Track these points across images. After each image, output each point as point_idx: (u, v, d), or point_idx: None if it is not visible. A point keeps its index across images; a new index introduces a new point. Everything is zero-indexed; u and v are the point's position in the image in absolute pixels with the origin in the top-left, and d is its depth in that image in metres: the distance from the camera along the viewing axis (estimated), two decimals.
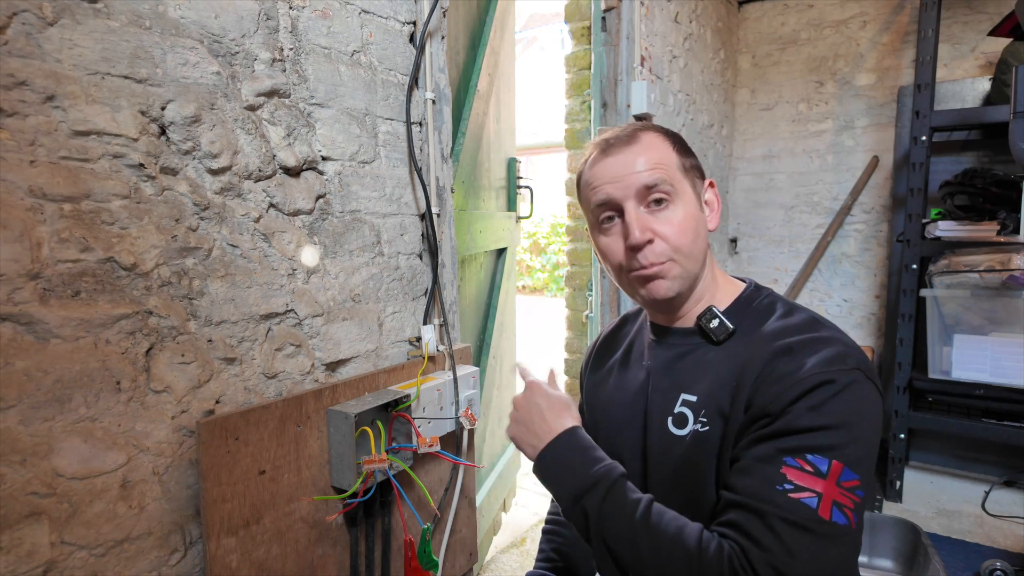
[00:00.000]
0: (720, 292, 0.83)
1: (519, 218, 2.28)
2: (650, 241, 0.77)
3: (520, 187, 2.24)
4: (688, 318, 0.83)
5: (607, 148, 0.79)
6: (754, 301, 0.81)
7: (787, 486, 0.63)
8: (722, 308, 0.81)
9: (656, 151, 0.78)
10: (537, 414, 0.80)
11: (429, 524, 1.11)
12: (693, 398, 0.78)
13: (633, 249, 0.77)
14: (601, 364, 0.97)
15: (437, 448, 1.09)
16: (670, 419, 0.79)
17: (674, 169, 0.78)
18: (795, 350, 0.70)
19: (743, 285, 0.85)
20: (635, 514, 0.68)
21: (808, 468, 0.64)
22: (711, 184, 0.84)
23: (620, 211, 0.78)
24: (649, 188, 0.76)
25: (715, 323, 0.78)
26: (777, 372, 0.69)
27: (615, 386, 0.91)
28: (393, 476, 1.05)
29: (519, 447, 0.82)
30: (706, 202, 0.83)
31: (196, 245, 0.84)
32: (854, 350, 0.71)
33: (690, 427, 0.76)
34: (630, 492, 0.71)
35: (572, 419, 0.80)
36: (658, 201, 0.77)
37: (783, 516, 0.62)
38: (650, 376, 0.85)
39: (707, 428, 0.74)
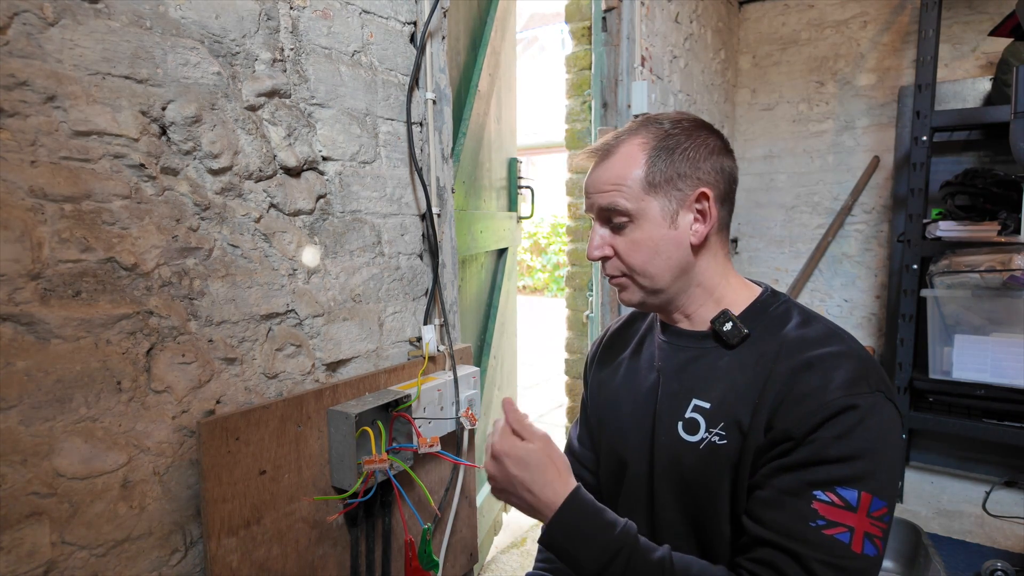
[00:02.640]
0: (735, 296, 0.81)
1: (520, 218, 2.28)
2: (607, 256, 0.80)
3: (521, 187, 2.24)
4: (700, 320, 0.81)
5: (591, 158, 0.82)
6: (770, 307, 0.80)
7: (820, 522, 0.63)
8: (737, 312, 0.79)
9: (621, 167, 0.77)
10: (523, 489, 0.72)
11: (429, 524, 1.11)
12: (706, 405, 0.76)
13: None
14: (608, 361, 0.96)
15: (437, 448, 1.09)
16: (680, 424, 0.78)
17: (636, 188, 0.76)
18: (815, 365, 0.69)
19: (759, 289, 0.83)
20: (663, 574, 0.67)
21: (839, 502, 0.64)
22: (702, 195, 0.77)
23: None
24: (604, 209, 0.78)
25: (729, 326, 0.77)
26: (799, 391, 0.68)
27: (623, 385, 0.90)
28: (393, 476, 1.05)
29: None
30: (697, 214, 0.77)
31: (197, 245, 0.84)
32: (873, 366, 0.70)
33: (702, 434, 0.75)
34: (649, 552, 0.69)
35: (561, 482, 0.72)
36: (614, 222, 0.78)
37: (819, 558, 0.62)
38: (660, 378, 0.83)
39: (724, 442, 0.73)
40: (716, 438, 0.74)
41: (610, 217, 0.78)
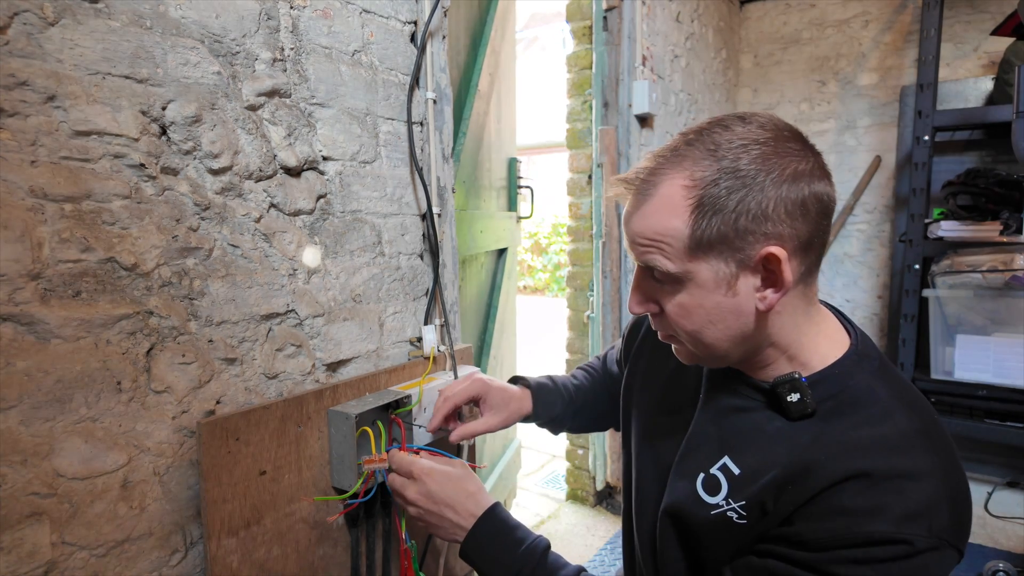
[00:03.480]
0: (812, 352, 0.66)
1: (520, 218, 2.28)
2: (651, 312, 0.67)
3: (520, 187, 2.24)
4: (767, 372, 0.67)
5: (626, 189, 0.65)
6: (849, 378, 0.64)
7: None
8: (810, 371, 0.65)
9: (659, 216, 0.60)
10: (445, 506, 0.76)
11: (414, 542, 1.10)
12: (736, 470, 0.66)
13: None
14: (651, 364, 0.87)
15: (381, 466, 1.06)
16: (701, 476, 0.69)
17: (679, 247, 0.60)
18: (874, 482, 0.56)
19: (845, 344, 0.67)
20: None
21: None
22: (770, 256, 0.58)
23: None
24: (645, 267, 0.64)
25: (795, 397, 0.63)
26: (839, 503, 0.57)
27: (660, 407, 0.82)
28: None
29: (439, 536, 0.79)
30: (766, 273, 0.60)
31: (197, 245, 0.84)
32: (950, 494, 0.56)
33: (719, 500, 0.67)
34: (556, 570, 0.71)
35: (482, 495, 0.76)
36: (657, 277, 0.64)
37: None
38: (698, 412, 0.73)
39: (744, 522, 0.64)
40: (734, 515, 0.65)
41: (652, 272, 0.64)
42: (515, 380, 1.06)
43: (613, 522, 2.36)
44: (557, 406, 1.02)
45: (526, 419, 1.02)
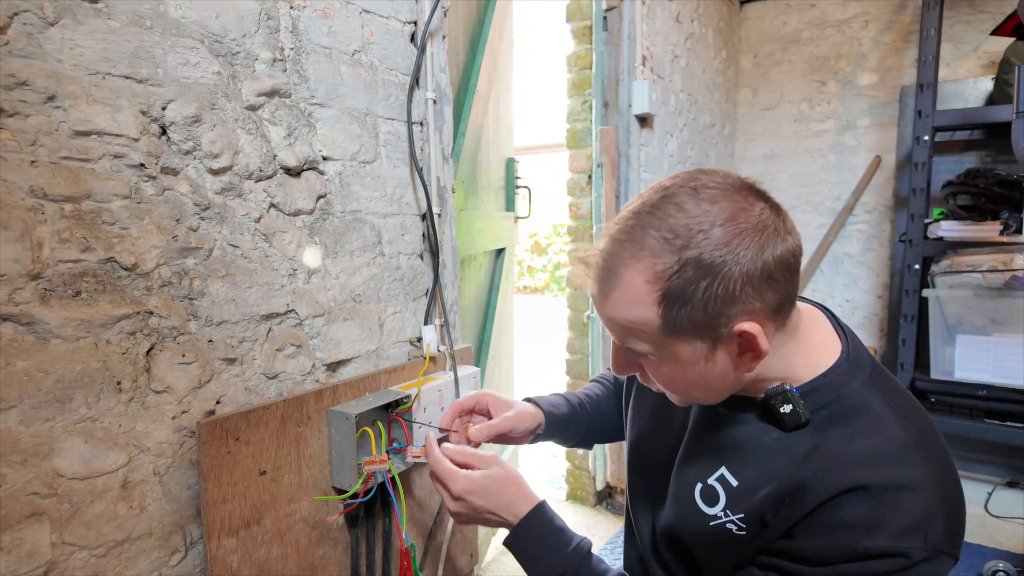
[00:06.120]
0: (802, 366, 0.66)
1: (517, 218, 2.28)
2: (638, 374, 0.69)
3: (518, 187, 2.24)
4: (755, 388, 0.68)
5: (586, 274, 0.64)
6: (842, 387, 0.64)
7: None
8: (801, 382, 0.65)
9: (631, 307, 0.60)
10: (489, 514, 0.77)
11: (413, 543, 1.10)
12: (734, 482, 0.67)
13: None
14: None
15: (425, 459, 1.05)
16: (699, 487, 0.70)
17: (653, 331, 0.60)
18: (872, 495, 0.57)
19: (837, 351, 0.67)
20: None
21: None
22: (743, 333, 0.58)
23: None
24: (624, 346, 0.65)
25: (787, 409, 0.63)
26: (839, 517, 0.58)
27: (653, 414, 0.83)
28: (392, 479, 1.04)
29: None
30: (742, 345, 0.60)
31: (197, 245, 0.84)
32: (945, 504, 0.58)
33: (718, 511, 0.68)
34: (597, 574, 0.73)
35: (523, 498, 0.77)
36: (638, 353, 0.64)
37: None
38: (692, 423, 0.74)
39: (743, 533, 0.65)
40: (733, 527, 0.66)
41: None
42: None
43: (613, 522, 2.36)
44: (563, 407, 1.03)
45: (537, 431, 1.00)
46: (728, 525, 0.66)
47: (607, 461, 2.38)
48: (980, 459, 2.42)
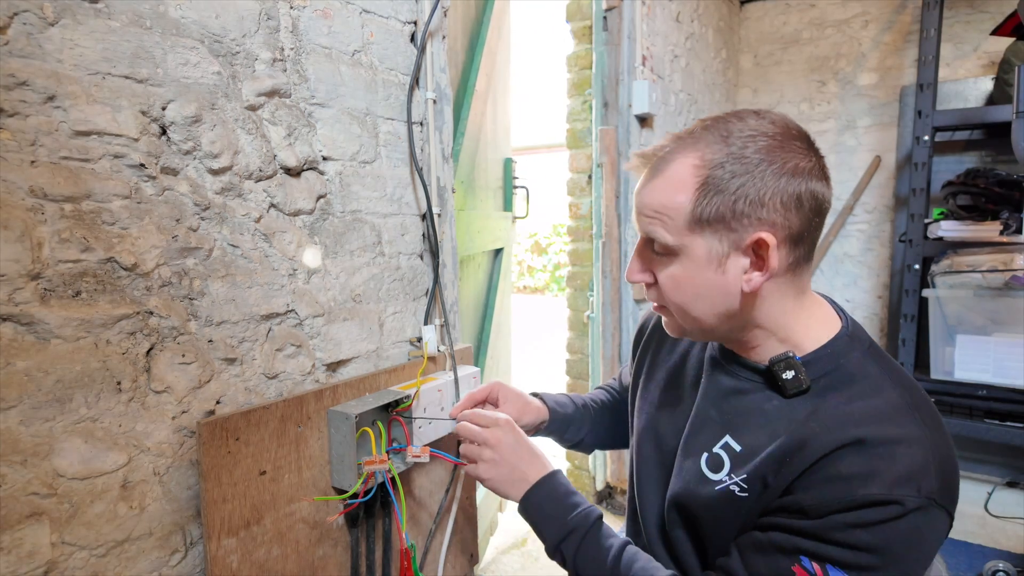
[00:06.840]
0: (803, 334, 0.70)
1: (515, 218, 2.28)
2: (646, 282, 0.72)
3: (516, 187, 2.24)
4: (760, 353, 0.72)
5: (642, 165, 0.70)
6: (842, 357, 0.68)
7: None
8: (803, 352, 0.69)
9: (666, 191, 0.65)
10: (519, 459, 0.83)
11: (413, 542, 1.10)
12: (737, 447, 0.70)
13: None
14: (655, 359, 0.91)
15: (426, 458, 1.05)
16: (705, 456, 0.73)
17: (680, 221, 0.64)
18: (867, 447, 0.60)
19: (837, 326, 0.71)
20: (607, 560, 0.72)
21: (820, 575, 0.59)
22: (760, 242, 0.62)
23: None
24: (645, 235, 0.70)
25: (790, 375, 0.67)
26: (835, 470, 0.60)
27: (661, 399, 0.86)
28: (392, 479, 1.04)
29: (495, 489, 0.85)
30: (755, 257, 0.64)
31: (197, 245, 0.84)
32: (937, 464, 0.60)
33: (722, 476, 0.70)
34: (604, 538, 0.75)
35: (539, 460, 0.84)
36: (656, 249, 0.69)
37: None
38: (699, 397, 0.78)
39: (744, 495, 0.68)
40: (736, 488, 0.68)
41: (652, 243, 0.70)
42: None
43: (613, 522, 2.37)
44: (568, 407, 1.05)
45: (540, 426, 1.04)
46: (731, 487, 0.69)
47: (607, 461, 2.38)
48: (980, 459, 2.42)
